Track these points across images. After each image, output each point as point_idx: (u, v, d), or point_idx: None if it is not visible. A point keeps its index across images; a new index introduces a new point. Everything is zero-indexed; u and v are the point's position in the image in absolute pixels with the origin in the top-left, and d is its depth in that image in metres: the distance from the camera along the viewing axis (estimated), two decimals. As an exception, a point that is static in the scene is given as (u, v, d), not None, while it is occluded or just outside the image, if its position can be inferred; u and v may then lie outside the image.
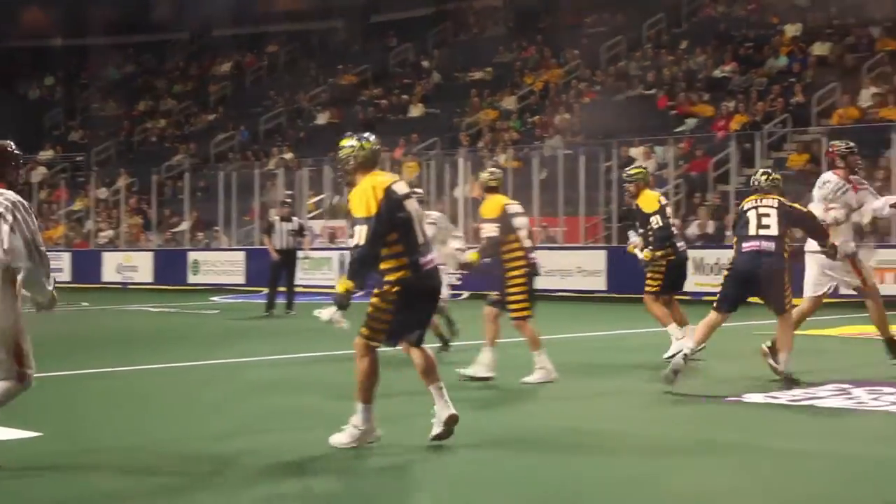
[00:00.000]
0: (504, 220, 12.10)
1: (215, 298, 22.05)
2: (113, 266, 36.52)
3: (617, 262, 25.62)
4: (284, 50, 49.68)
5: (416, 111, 39.86)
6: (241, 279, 32.64)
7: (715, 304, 11.75)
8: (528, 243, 12.23)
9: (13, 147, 7.91)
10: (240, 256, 33.31)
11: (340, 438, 8.55)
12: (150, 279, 35.27)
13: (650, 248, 13.96)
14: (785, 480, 7.72)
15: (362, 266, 8.39)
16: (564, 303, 25.37)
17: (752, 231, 11.68)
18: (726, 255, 24.02)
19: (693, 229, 26.79)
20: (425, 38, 45.29)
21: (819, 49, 32.91)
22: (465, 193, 30.35)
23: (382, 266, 8.47)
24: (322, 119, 42.36)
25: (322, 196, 34.79)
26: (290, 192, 28.41)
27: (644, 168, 14.97)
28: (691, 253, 23.86)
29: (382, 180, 8.53)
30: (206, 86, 49.27)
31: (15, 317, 7.65)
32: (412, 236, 8.55)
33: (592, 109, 34.86)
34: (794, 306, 12.06)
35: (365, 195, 8.41)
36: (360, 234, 8.31)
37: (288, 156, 38.63)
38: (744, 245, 11.71)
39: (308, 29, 49.69)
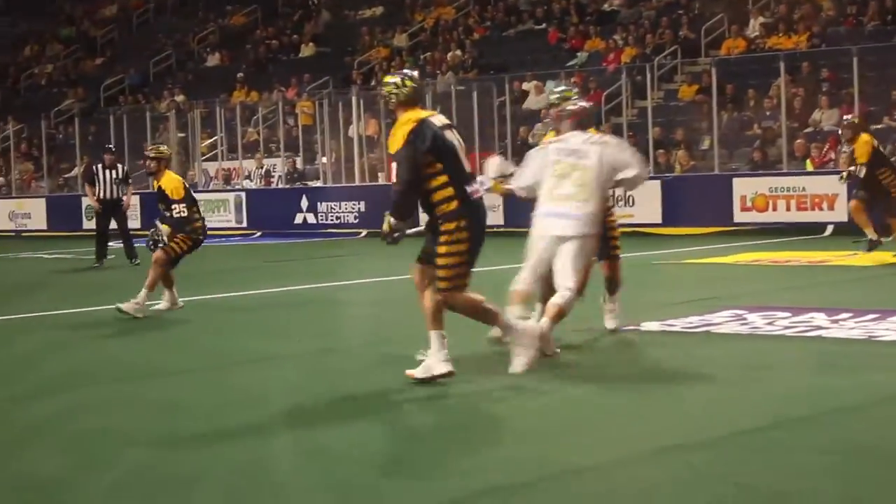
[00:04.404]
0: None
1: (112, 244, 21.88)
2: (5, 214, 36.09)
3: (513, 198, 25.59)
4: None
5: (307, 51, 39.59)
6: (136, 223, 32.30)
7: None
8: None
9: None
10: (134, 200, 32.88)
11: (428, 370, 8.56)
12: (43, 226, 34.91)
13: None
14: (706, 408, 7.92)
15: (404, 198, 8.53)
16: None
17: None
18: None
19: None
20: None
21: (707, -19, 33.18)
22: (360, 132, 30.39)
23: (434, 199, 8.53)
24: (212, 61, 41.99)
25: (214, 138, 34.59)
26: (110, 146, 25.65)
27: None
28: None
29: (420, 114, 8.66)
30: (91, 29, 48.44)
31: None
32: (458, 166, 8.66)
33: (484, 45, 34.94)
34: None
35: (402, 129, 8.56)
36: (396, 172, 8.55)
37: (180, 98, 38.29)
38: None
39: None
